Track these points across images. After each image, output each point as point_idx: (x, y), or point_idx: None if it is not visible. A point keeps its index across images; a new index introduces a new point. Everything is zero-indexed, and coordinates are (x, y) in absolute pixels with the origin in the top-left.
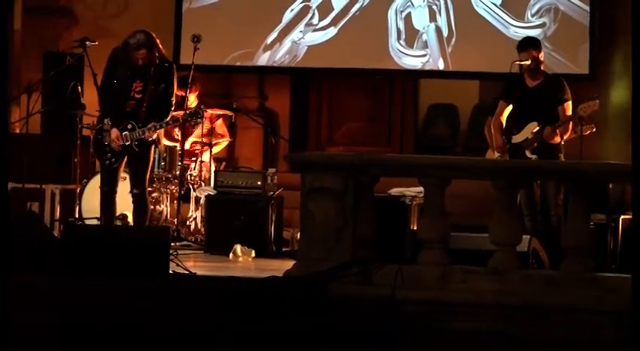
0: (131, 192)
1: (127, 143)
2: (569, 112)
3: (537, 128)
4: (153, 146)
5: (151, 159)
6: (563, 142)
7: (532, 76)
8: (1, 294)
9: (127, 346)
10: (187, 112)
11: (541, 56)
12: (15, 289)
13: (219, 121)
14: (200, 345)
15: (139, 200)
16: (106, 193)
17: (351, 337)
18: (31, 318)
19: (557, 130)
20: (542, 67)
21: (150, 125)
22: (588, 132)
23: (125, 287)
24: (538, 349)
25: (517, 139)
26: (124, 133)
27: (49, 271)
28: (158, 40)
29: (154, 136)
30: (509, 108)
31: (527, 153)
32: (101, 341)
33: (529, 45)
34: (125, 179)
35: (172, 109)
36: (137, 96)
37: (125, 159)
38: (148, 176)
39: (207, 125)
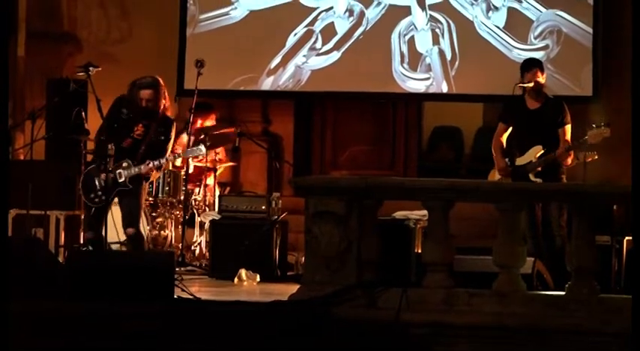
0: (125, 232)
1: (121, 180)
2: (568, 136)
3: (541, 152)
4: (144, 182)
5: (143, 196)
6: (565, 166)
7: (534, 98)
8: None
9: None
10: (187, 149)
11: (543, 78)
12: (20, 315)
13: (221, 148)
14: None
15: (134, 240)
16: (91, 241)
17: None
18: (37, 343)
19: (570, 152)
20: (543, 90)
21: (147, 162)
22: (590, 159)
23: (130, 312)
24: None
25: (520, 161)
26: (117, 171)
27: (54, 296)
28: (166, 91)
29: (150, 172)
30: (510, 129)
31: (531, 176)
32: None
33: (535, 65)
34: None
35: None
36: (137, 137)
37: (115, 199)
38: (140, 215)
39: (211, 155)
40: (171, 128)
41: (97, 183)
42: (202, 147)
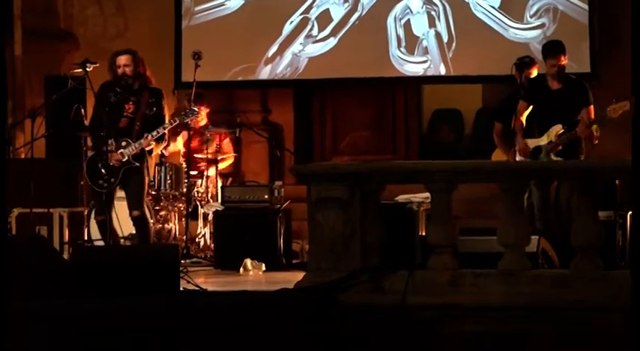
0: (130, 215)
1: (125, 159)
2: (593, 115)
3: (561, 131)
4: (147, 163)
5: (147, 178)
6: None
7: (556, 80)
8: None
9: None
10: (182, 113)
11: (565, 60)
12: (26, 314)
13: (227, 140)
14: None
15: (140, 223)
16: (102, 223)
17: (364, 345)
18: (43, 341)
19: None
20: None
21: (145, 135)
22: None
23: (136, 306)
24: (551, 349)
25: (540, 141)
26: (119, 151)
27: (60, 294)
28: (144, 62)
29: (150, 144)
30: (529, 109)
31: (552, 156)
32: None
33: (558, 51)
34: (121, 199)
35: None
36: (130, 115)
37: (120, 180)
38: (145, 195)
39: (213, 147)
40: (161, 97)
41: (101, 169)
42: (195, 108)
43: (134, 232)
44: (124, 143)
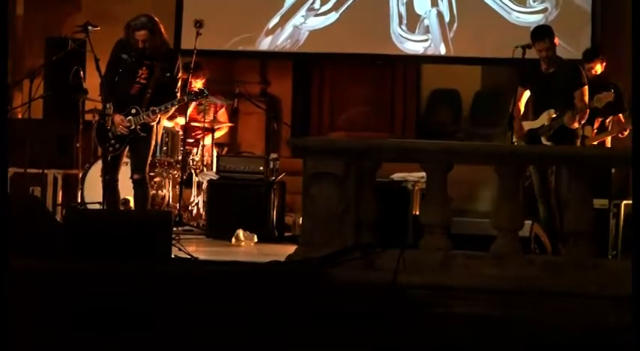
0: (132, 177)
1: (132, 127)
2: (587, 97)
3: (555, 115)
4: (155, 131)
5: (153, 143)
6: (580, 128)
7: (547, 64)
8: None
9: (128, 329)
10: (191, 92)
11: (556, 42)
12: (18, 273)
13: (222, 110)
14: (202, 328)
15: (140, 185)
16: (108, 181)
17: (353, 321)
18: (33, 301)
19: (577, 116)
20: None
21: (152, 109)
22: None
23: (127, 271)
24: (539, 334)
25: (534, 125)
26: (128, 118)
27: (51, 255)
28: (162, 26)
29: (157, 119)
30: (527, 94)
31: (544, 139)
32: (102, 324)
33: (546, 34)
34: (127, 164)
35: (178, 97)
36: (143, 81)
37: (127, 144)
38: (149, 161)
39: (210, 115)
40: (176, 62)
41: (109, 134)
42: (206, 91)
43: (127, 197)
44: (133, 111)
